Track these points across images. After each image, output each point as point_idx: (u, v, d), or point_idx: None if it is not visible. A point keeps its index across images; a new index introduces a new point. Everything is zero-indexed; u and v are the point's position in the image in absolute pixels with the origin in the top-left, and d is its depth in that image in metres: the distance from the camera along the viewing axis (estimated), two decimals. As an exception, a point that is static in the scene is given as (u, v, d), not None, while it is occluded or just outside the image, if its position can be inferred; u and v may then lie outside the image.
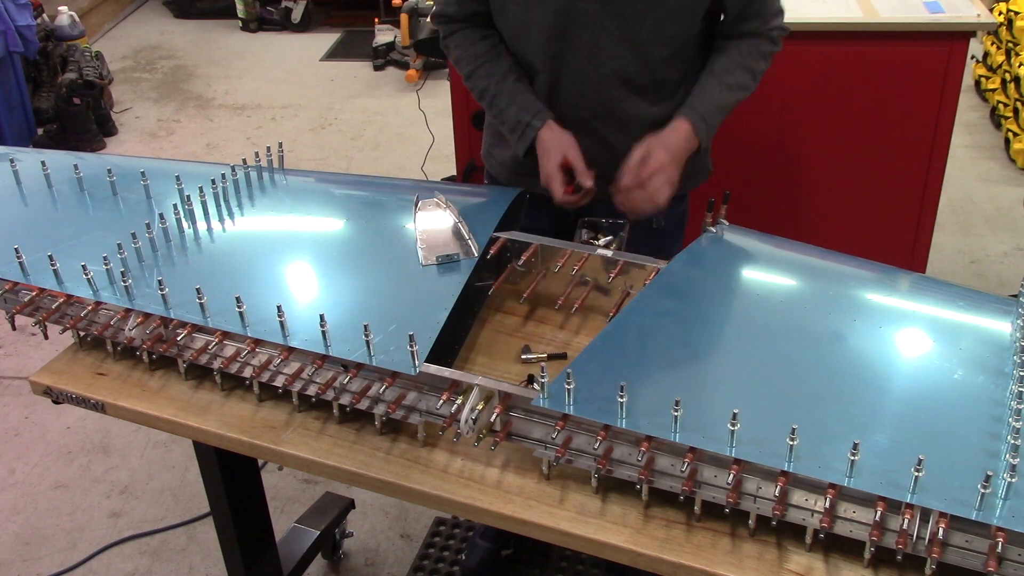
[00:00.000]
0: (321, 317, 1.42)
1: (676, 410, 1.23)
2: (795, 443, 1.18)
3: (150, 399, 1.56)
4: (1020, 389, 1.28)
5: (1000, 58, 4.68)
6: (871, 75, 2.62)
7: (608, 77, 1.74)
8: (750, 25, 1.75)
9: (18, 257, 1.62)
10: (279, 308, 1.45)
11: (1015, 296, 1.54)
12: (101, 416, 1.62)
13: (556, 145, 1.74)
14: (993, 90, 4.70)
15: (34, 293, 1.61)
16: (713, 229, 1.70)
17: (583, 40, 1.71)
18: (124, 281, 1.56)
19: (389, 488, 1.39)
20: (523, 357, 1.58)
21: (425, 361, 1.39)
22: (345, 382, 1.42)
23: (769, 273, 1.65)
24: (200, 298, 1.50)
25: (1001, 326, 1.46)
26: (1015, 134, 4.35)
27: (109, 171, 1.86)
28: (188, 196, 1.77)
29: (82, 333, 1.65)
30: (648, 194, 1.66)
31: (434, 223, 1.71)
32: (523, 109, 1.77)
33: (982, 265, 3.66)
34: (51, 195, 1.87)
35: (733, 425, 1.21)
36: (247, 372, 1.50)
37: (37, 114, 4.78)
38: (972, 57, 4.92)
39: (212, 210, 1.78)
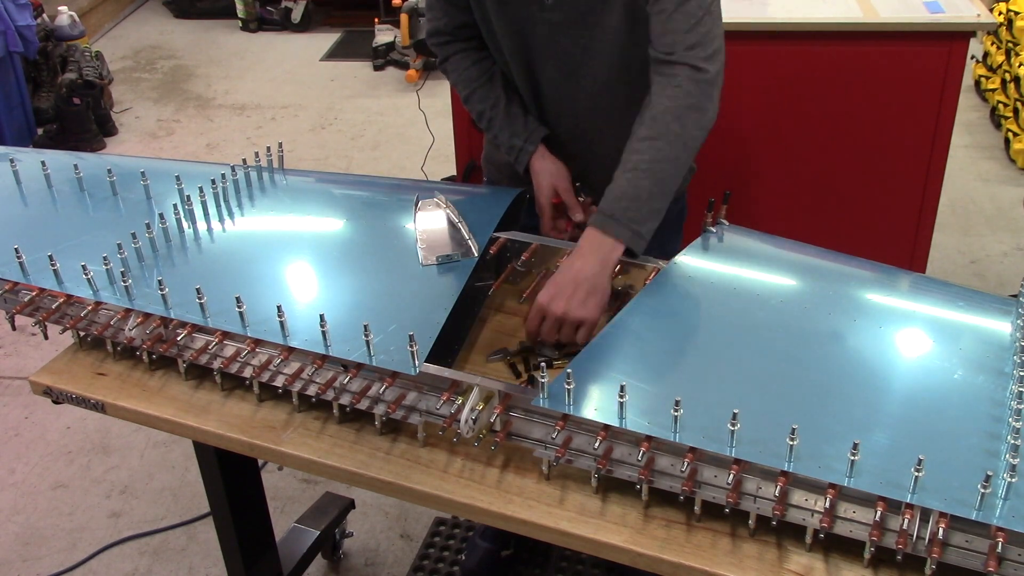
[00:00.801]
0: (321, 317, 1.42)
1: (676, 410, 1.23)
2: (795, 443, 1.18)
3: (150, 399, 1.56)
4: (1020, 389, 1.28)
5: (1000, 58, 4.68)
6: (871, 75, 2.62)
7: (584, 87, 1.73)
8: (661, 55, 1.58)
9: (18, 257, 1.62)
10: (279, 308, 1.45)
11: (1015, 296, 1.54)
12: (101, 416, 1.62)
13: (546, 178, 1.77)
14: (993, 90, 4.70)
15: (34, 293, 1.61)
16: (713, 229, 1.70)
17: (552, 51, 1.70)
18: (124, 281, 1.56)
19: (389, 488, 1.39)
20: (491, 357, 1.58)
21: (425, 361, 1.39)
22: (345, 382, 1.42)
23: (769, 273, 1.65)
24: (200, 298, 1.50)
25: (1001, 326, 1.46)
26: (1015, 134, 4.35)
27: (109, 171, 1.86)
28: (188, 196, 1.77)
29: (82, 333, 1.65)
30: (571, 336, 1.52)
31: (434, 223, 1.71)
32: (515, 134, 1.79)
33: (982, 265, 3.66)
34: (51, 195, 1.87)
35: (733, 425, 1.21)
36: (247, 372, 1.50)
37: (37, 114, 4.78)
38: (972, 57, 4.92)
39: (212, 210, 1.78)
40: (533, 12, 1.65)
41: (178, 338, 1.53)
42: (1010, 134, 4.38)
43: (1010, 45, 4.56)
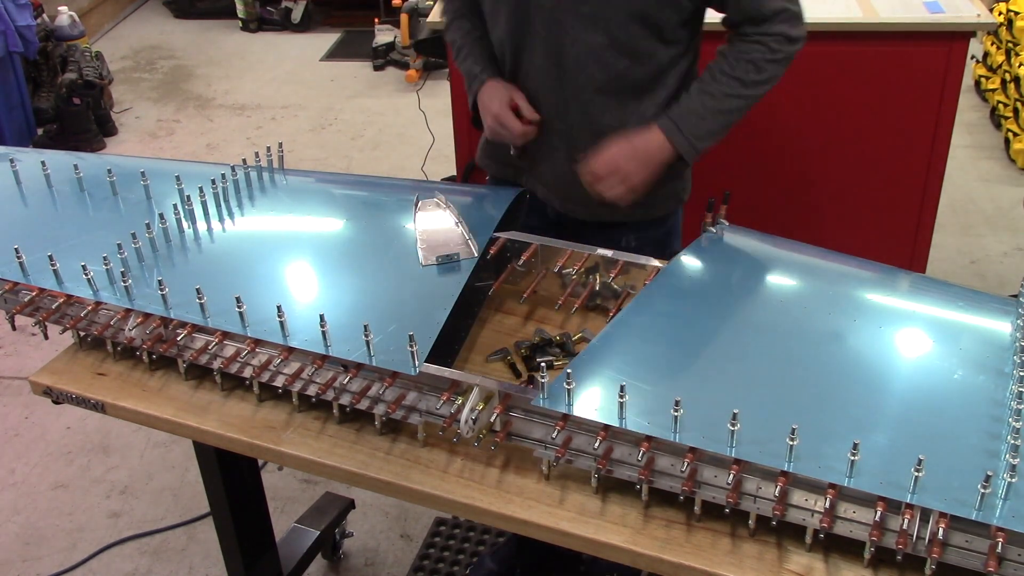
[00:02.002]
0: (321, 317, 1.42)
1: (676, 410, 1.23)
2: (795, 443, 1.18)
3: (150, 399, 1.56)
4: (1020, 389, 1.28)
5: (1000, 58, 4.68)
6: (871, 75, 2.62)
7: (571, 76, 1.71)
8: (743, 28, 1.66)
9: (18, 257, 1.62)
10: (279, 308, 1.45)
11: (1015, 296, 1.54)
12: (101, 416, 1.62)
13: (501, 89, 1.77)
14: (993, 90, 4.70)
15: (34, 293, 1.61)
16: (713, 229, 1.70)
17: (541, 35, 1.69)
18: (124, 281, 1.56)
19: (389, 488, 1.39)
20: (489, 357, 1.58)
21: (425, 361, 1.39)
22: (345, 382, 1.42)
23: (769, 273, 1.65)
24: (200, 298, 1.50)
25: (1001, 326, 1.46)
26: (1015, 134, 4.35)
27: (109, 171, 1.86)
28: (188, 196, 1.77)
29: (82, 333, 1.65)
30: (604, 186, 1.69)
31: (434, 223, 1.71)
32: (476, 61, 1.82)
33: (982, 265, 3.66)
34: (51, 195, 1.87)
35: (733, 425, 1.21)
36: (247, 372, 1.50)
37: (37, 114, 4.77)
38: (972, 57, 4.92)
39: (212, 210, 1.78)
40: None
41: (178, 338, 1.53)
42: (1010, 134, 4.38)
43: (1010, 45, 4.56)
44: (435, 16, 2.30)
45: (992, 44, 4.85)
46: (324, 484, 2.65)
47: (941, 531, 1.13)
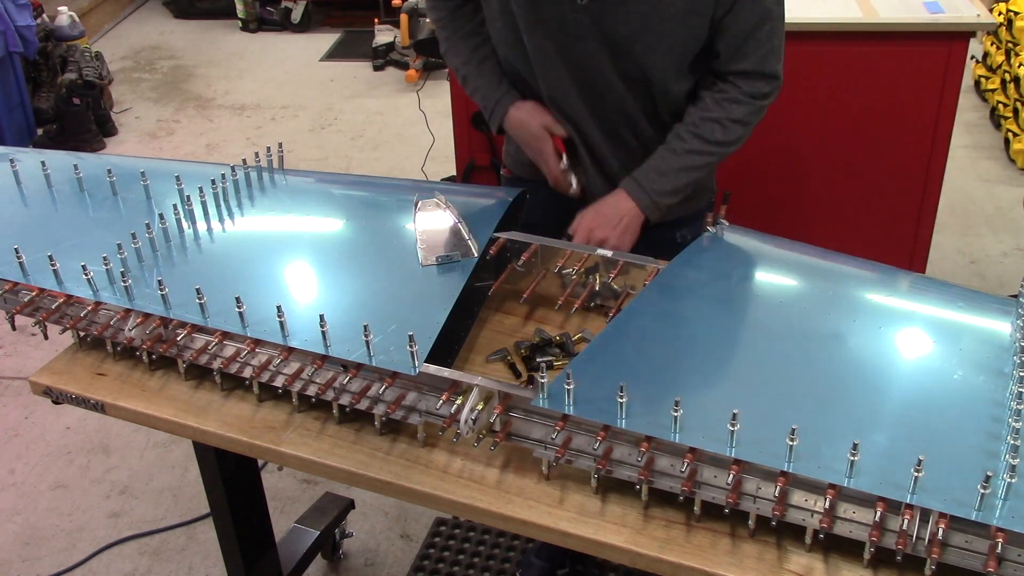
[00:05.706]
0: (321, 317, 1.42)
1: (676, 410, 1.23)
2: (795, 443, 1.18)
3: (150, 399, 1.56)
4: (1020, 389, 1.28)
5: (1000, 58, 4.68)
6: (871, 75, 2.62)
7: (598, 90, 1.72)
8: (720, 80, 1.70)
9: (18, 257, 1.62)
10: (279, 308, 1.45)
11: (1015, 296, 1.54)
12: (101, 416, 1.62)
13: (536, 117, 1.77)
14: (993, 90, 4.70)
15: (34, 293, 1.61)
16: (713, 229, 1.70)
17: (576, 53, 1.68)
18: (124, 281, 1.56)
19: (389, 488, 1.39)
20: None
21: (425, 361, 1.39)
22: (345, 382, 1.42)
23: (769, 273, 1.65)
24: (200, 298, 1.50)
25: (1001, 326, 1.46)
26: (1015, 134, 4.35)
27: (109, 171, 1.86)
28: (188, 196, 1.77)
29: (82, 333, 1.65)
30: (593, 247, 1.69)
31: (434, 223, 1.71)
32: (491, 89, 1.80)
33: (982, 265, 3.66)
34: (51, 195, 1.87)
35: (733, 425, 1.21)
36: (247, 372, 1.50)
37: (37, 114, 4.78)
38: (972, 57, 4.92)
39: (212, 210, 1.78)
40: (564, 11, 1.62)
41: (178, 338, 1.53)
42: (1010, 134, 4.38)
43: (1010, 45, 4.56)
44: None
45: (992, 44, 4.85)
46: (324, 484, 2.65)
47: (941, 531, 1.13)
